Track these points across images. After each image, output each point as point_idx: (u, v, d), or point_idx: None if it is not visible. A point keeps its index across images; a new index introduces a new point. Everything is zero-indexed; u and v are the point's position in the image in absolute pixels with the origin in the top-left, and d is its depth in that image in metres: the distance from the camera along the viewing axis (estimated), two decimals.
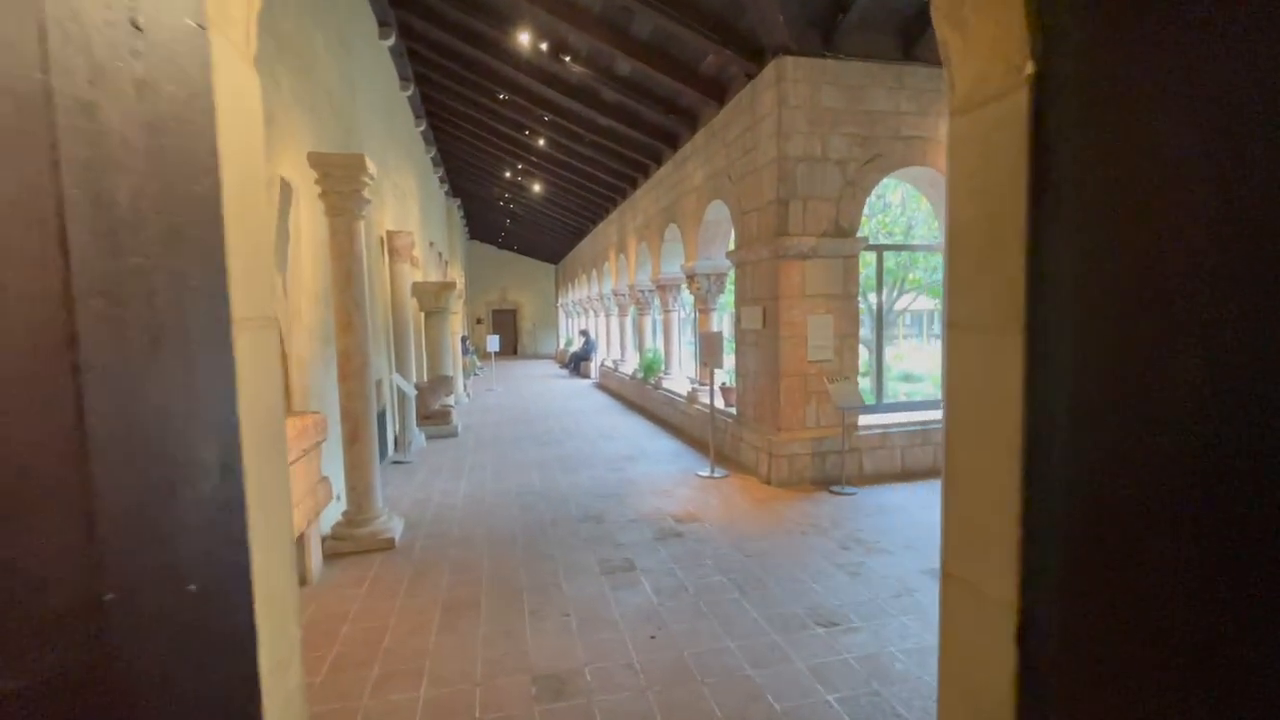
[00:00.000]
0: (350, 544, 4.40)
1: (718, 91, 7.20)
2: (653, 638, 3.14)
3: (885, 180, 6.60)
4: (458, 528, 4.91)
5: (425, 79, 10.70)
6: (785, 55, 5.75)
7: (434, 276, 13.40)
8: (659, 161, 10.06)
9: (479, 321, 28.46)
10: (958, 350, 1.34)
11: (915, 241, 11.20)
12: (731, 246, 7.41)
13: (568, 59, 7.71)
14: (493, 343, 15.54)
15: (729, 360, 9.18)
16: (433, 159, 14.11)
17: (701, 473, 6.37)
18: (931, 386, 13.09)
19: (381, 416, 7.16)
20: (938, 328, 24.67)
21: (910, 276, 11.87)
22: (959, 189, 1.33)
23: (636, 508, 5.30)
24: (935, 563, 4.07)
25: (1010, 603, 1.28)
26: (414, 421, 8.04)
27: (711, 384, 6.47)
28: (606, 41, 6.98)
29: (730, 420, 7.10)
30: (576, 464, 6.98)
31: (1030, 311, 1.16)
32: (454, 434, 8.83)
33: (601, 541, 4.52)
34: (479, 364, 18.08)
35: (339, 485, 4.77)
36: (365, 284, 4.51)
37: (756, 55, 6.14)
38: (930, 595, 3.54)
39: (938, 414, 6.71)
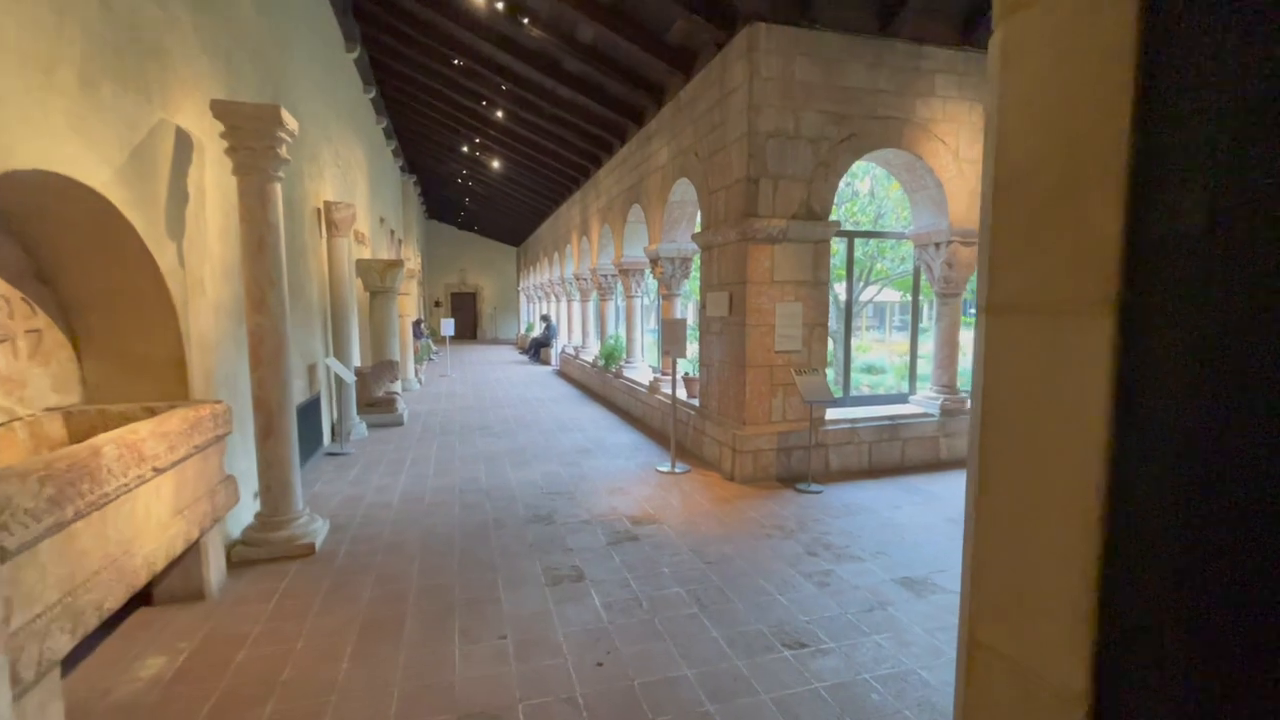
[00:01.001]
0: (262, 550, 3.89)
1: (685, 62, 6.77)
2: (600, 665, 2.76)
3: (853, 166, 6.31)
4: (390, 530, 4.43)
5: (374, 40, 9.94)
6: (759, 22, 5.36)
7: (385, 255, 12.67)
8: (623, 139, 9.58)
9: (437, 304, 27.52)
10: (1005, 341, 0.97)
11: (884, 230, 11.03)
12: (698, 228, 7.04)
13: (525, 21, 7.15)
14: (447, 326, 14.84)
15: (692, 349, 8.84)
16: (385, 130, 13.30)
17: (662, 468, 6.01)
18: (894, 379, 13.04)
19: (315, 404, 6.58)
20: (900, 320, 24.90)
21: (878, 267, 11.72)
22: (1015, 116, 0.96)
23: (590, 507, 4.90)
24: (907, 571, 3.81)
25: (1079, 694, 0.91)
26: (354, 410, 7.45)
27: (674, 374, 6.10)
28: (567, 2, 6.46)
29: (693, 413, 6.75)
30: (529, 457, 6.54)
31: (1129, 284, 0.80)
32: (399, 423, 8.27)
33: (550, 546, 4.11)
34: (434, 348, 17.35)
35: (255, 483, 4.23)
36: (282, 255, 3.96)
37: (728, 22, 5.72)
38: (904, 609, 3.25)
39: (906, 408, 6.51)
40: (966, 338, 7.15)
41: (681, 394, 6.93)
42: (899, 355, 14.75)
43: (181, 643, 2.93)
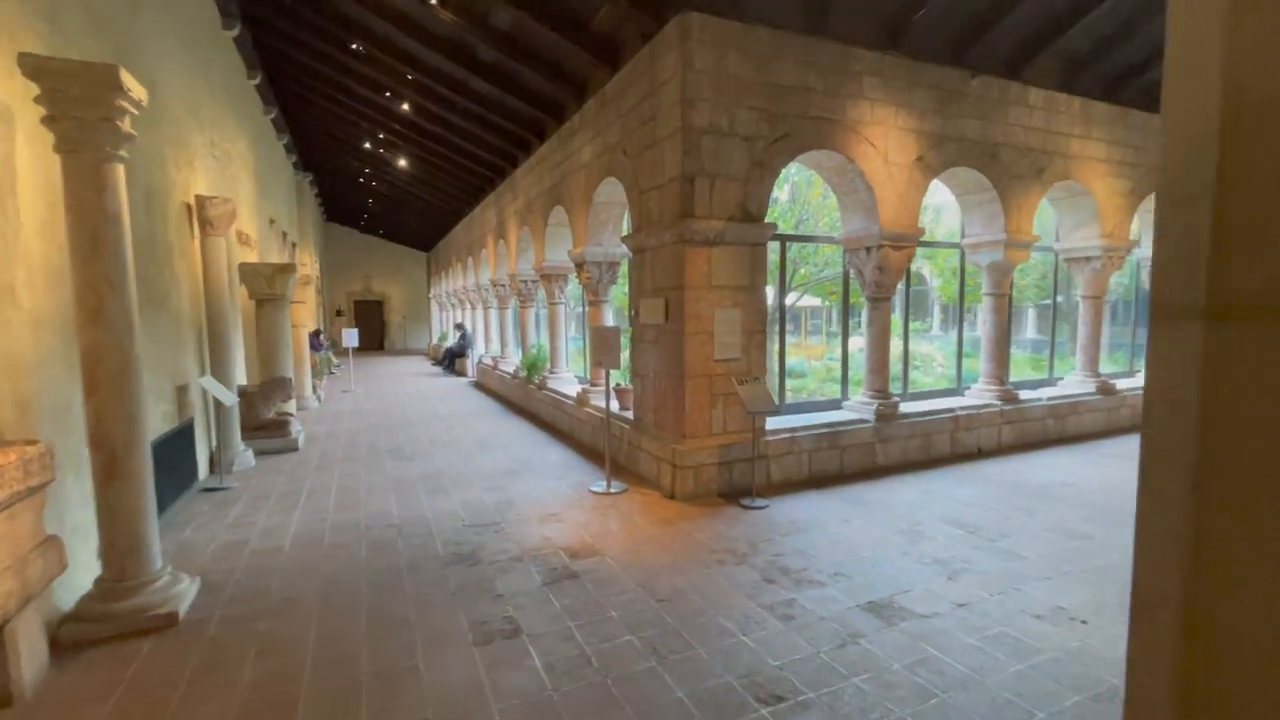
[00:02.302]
0: (104, 626, 3.08)
1: (610, 54, 6.38)
2: None
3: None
4: (280, 583, 3.70)
5: (258, 20, 8.86)
6: (691, 12, 5.05)
7: (276, 259, 11.41)
8: (542, 136, 9.07)
9: (339, 313, 25.65)
10: (1253, 362, 0.62)
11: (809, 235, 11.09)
12: (626, 231, 6.66)
13: (434, 1, 6.50)
14: (350, 337, 13.62)
15: (622, 357, 8.43)
16: (274, 122, 12.02)
17: (596, 488, 5.54)
18: (815, 382, 13.22)
19: (187, 432, 5.61)
20: (812, 324, 25.66)
21: (800, 272, 11.82)
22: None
23: (520, 540, 4.36)
24: (870, 594, 3.55)
25: None
26: (237, 436, 6.47)
27: (607, 386, 5.66)
28: None
29: (627, 426, 6.34)
30: (446, 483, 5.87)
31: None
32: (293, 448, 7.31)
33: (476, 593, 3.55)
34: (335, 361, 15.97)
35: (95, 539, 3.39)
36: (126, 254, 3.18)
37: (657, 10, 5.38)
38: (877, 641, 2.98)
39: (842, 415, 6.39)
40: (896, 342, 7.21)
41: (613, 406, 6.50)
42: (816, 359, 15.03)
43: None
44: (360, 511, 5.03)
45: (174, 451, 5.19)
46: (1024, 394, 7.46)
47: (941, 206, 11.27)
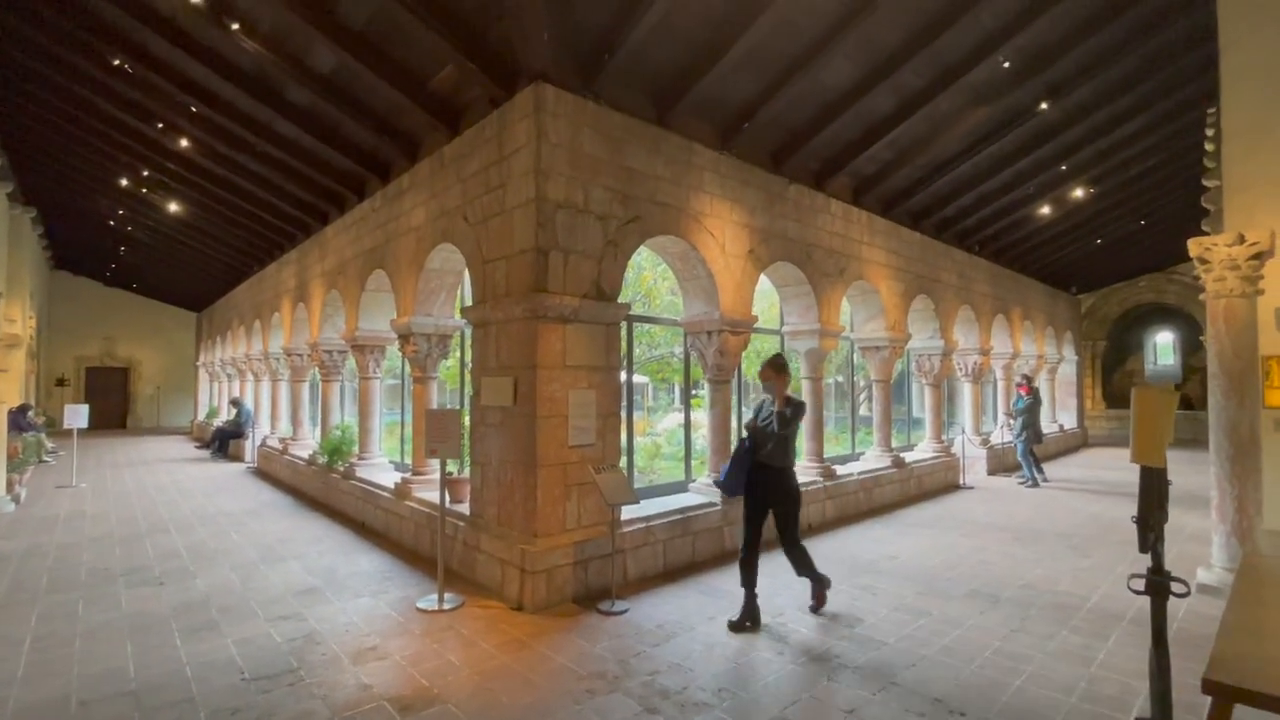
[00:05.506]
0: None
1: (450, 116, 5.96)
2: None
3: None
4: None
5: None
6: (545, 84, 4.88)
7: None
8: (362, 194, 8.19)
9: (60, 383, 20.37)
10: None
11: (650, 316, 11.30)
12: (462, 302, 6.06)
13: (235, 26, 5.56)
14: (76, 415, 10.58)
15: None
16: None
17: (426, 604, 4.60)
18: (643, 459, 13.21)
19: None
20: (635, 401, 26.32)
21: (635, 352, 11.95)
22: None
23: (328, 694, 3.33)
24: (761, 716, 3.22)
25: None
26: None
27: (442, 476, 4.86)
28: (304, 18, 5.16)
29: (461, 524, 5.49)
30: (217, 615, 4.47)
31: None
32: None
33: None
34: (49, 447, 12.34)
35: None
36: None
37: (507, 78, 5.15)
38: None
39: (693, 499, 6.24)
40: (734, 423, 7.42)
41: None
42: (640, 435, 15.21)
43: None
44: (71, 676, 3.52)
45: None
46: (837, 469, 8.05)
47: (756, 296, 12.35)
